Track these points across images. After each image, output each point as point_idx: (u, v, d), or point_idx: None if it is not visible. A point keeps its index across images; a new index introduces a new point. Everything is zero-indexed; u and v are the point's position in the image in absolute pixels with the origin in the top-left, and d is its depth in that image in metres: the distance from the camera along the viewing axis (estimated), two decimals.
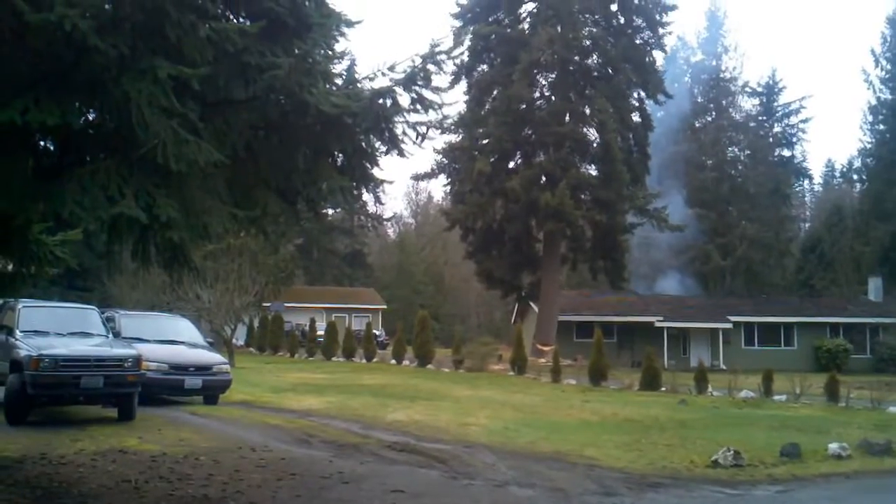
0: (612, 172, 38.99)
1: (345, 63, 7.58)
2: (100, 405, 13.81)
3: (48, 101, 5.64)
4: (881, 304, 47.34)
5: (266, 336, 42.09)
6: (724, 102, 66.21)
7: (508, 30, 41.69)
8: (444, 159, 44.14)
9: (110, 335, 14.80)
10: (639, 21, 42.03)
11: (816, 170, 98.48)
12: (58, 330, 13.69)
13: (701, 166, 60.99)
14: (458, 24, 42.27)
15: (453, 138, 43.02)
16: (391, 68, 7.01)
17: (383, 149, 7.64)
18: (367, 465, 10.22)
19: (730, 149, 64.81)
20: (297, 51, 6.50)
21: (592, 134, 41.11)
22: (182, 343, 17.40)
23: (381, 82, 7.08)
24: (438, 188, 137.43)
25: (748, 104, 69.19)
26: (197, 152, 5.91)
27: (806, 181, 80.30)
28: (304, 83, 6.40)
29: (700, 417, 16.96)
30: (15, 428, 11.99)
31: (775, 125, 67.49)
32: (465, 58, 42.17)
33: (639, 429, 14.72)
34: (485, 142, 41.40)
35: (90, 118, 6.66)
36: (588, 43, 40.55)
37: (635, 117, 42.24)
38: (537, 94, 42.28)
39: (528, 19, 42.00)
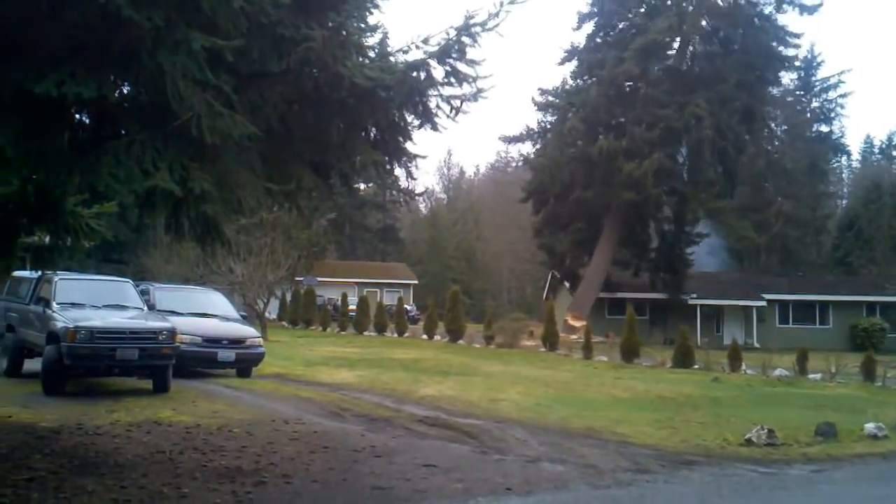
0: (698, 169, 40.13)
1: (378, 36, 7.48)
2: (135, 377, 13.96)
3: (84, 73, 5.63)
4: None
5: (298, 310, 42.33)
6: None
7: (630, 15, 42.82)
8: (538, 112, 46.41)
9: (145, 308, 14.95)
10: (757, 59, 42.33)
11: (855, 146, 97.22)
12: (93, 302, 13.85)
13: None
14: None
15: (550, 98, 45.20)
16: (425, 41, 6.93)
17: (416, 123, 7.58)
18: (399, 439, 10.26)
19: (767, 124, 63.90)
20: (330, 23, 6.45)
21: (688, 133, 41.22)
22: (215, 316, 17.54)
23: (415, 55, 7.01)
24: (471, 164, 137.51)
25: (786, 78, 68.08)
26: (231, 125, 5.90)
27: (844, 157, 79.32)
28: (338, 56, 6.34)
29: (733, 395, 16.85)
30: (52, 399, 12.17)
31: (813, 100, 66.45)
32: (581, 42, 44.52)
33: (671, 406, 14.66)
34: (580, 111, 42.02)
35: (125, 91, 6.66)
36: (702, 56, 40.82)
37: (729, 145, 41.96)
38: (643, 81, 42.37)
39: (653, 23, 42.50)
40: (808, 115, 66.04)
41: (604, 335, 35.37)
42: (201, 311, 17.45)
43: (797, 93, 66.25)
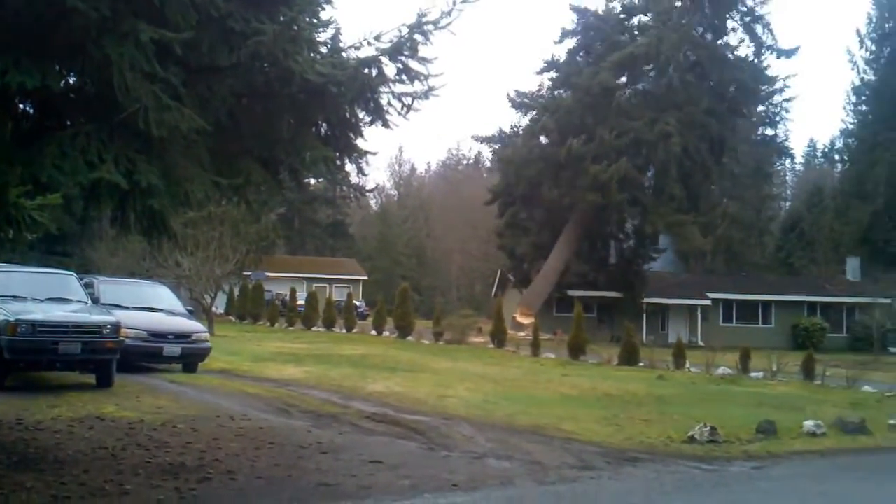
0: (662, 185, 41.16)
1: (330, 31, 7.45)
2: (77, 372, 13.73)
3: (28, 63, 5.54)
4: (859, 283, 47.77)
5: (246, 305, 42.04)
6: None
7: (620, 36, 44.06)
8: (513, 109, 48.02)
9: (89, 301, 14.70)
10: (731, 93, 43.86)
11: (798, 149, 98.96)
12: (36, 295, 13.56)
13: None
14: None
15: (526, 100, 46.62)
16: (377, 38, 6.94)
17: (368, 119, 7.57)
18: (345, 435, 10.24)
19: None
20: (282, 17, 6.41)
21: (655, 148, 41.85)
22: (161, 310, 17.32)
23: (367, 52, 7.02)
24: (423, 161, 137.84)
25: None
26: (179, 118, 5.84)
27: (788, 160, 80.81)
28: (288, 51, 6.32)
29: (677, 393, 17.10)
30: None
31: (759, 104, 67.40)
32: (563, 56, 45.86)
33: (617, 403, 14.82)
34: (554, 114, 42.89)
35: (71, 81, 6.56)
36: (677, 81, 41.79)
37: (697, 169, 43.06)
38: (617, 93, 43.26)
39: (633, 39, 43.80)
40: (754, 118, 66.99)
41: (552, 332, 35.59)
42: (147, 306, 17.21)
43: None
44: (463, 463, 8.83)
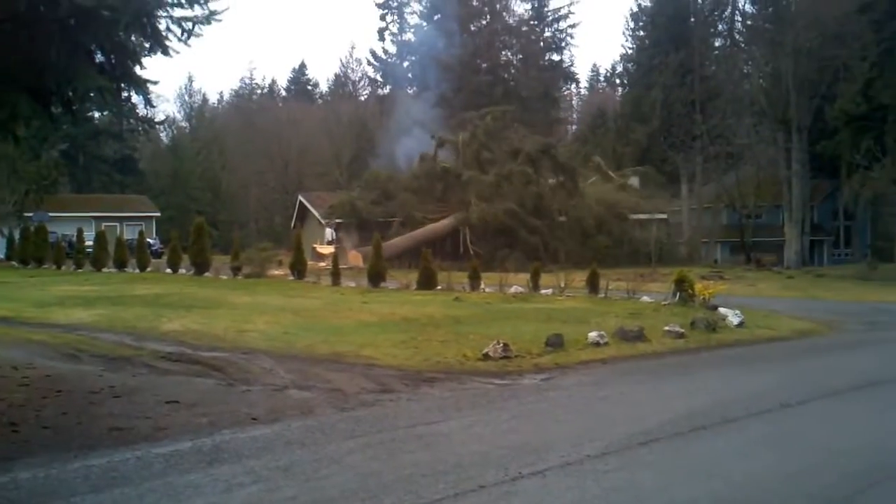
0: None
1: None
2: None
3: None
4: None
5: (28, 248, 39.50)
6: (497, 6, 67.64)
7: None
8: None
9: None
10: None
11: (583, 74, 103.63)
12: None
13: (476, 70, 62.20)
14: None
15: None
16: None
17: (146, 46, 7.25)
18: (139, 377, 9.96)
19: (503, 53, 66.54)
20: None
21: None
22: None
23: None
24: (214, 92, 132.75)
25: (521, 9, 71.61)
26: None
27: (573, 85, 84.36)
28: None
29: (473, 314, 17.64)
30: None
31: (546, 30, 69.77)
32: None
33: (415, 327, 15.13)
34: None
35: None
36: None
37: None
38: None
39: None
40: (541, 44, 69.24)
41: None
42: None
43: (531, 22, 69.27)
44: (263, 396, 8.83)
